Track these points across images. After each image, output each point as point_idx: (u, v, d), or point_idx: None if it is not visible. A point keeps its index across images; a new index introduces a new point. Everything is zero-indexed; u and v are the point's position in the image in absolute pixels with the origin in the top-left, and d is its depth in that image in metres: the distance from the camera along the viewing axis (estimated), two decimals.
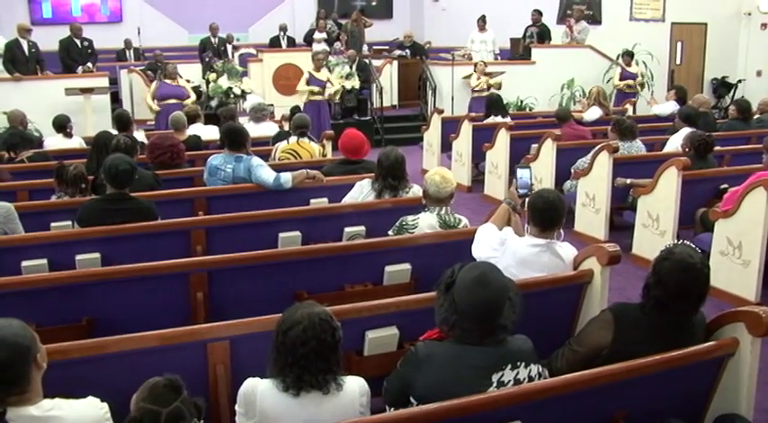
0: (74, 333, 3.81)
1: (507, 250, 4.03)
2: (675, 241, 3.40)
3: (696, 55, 17.03)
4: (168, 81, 11.80)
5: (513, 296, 2.90)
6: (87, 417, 2.52)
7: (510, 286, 2.93)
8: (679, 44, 16.76)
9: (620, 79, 13.67)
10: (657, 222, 6.88)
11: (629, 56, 13.78)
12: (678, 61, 16.83)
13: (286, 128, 8.73)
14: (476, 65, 13.58)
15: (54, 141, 8.79)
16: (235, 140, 6.17)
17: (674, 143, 8.11)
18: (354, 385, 2.82)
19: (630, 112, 12.09)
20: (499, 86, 13.25)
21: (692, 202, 6.82)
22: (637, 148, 8.07)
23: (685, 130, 7.96)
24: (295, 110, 8.69)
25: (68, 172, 5.68)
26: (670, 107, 10.78)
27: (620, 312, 3.29)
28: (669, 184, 6.71)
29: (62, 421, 2.45)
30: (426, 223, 4.79)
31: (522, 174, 4.37)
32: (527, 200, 4.14)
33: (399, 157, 5.45)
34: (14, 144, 7.67)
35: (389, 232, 4.95)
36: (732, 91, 16.71)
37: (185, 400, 2.39)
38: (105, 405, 2.59)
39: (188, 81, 12.47)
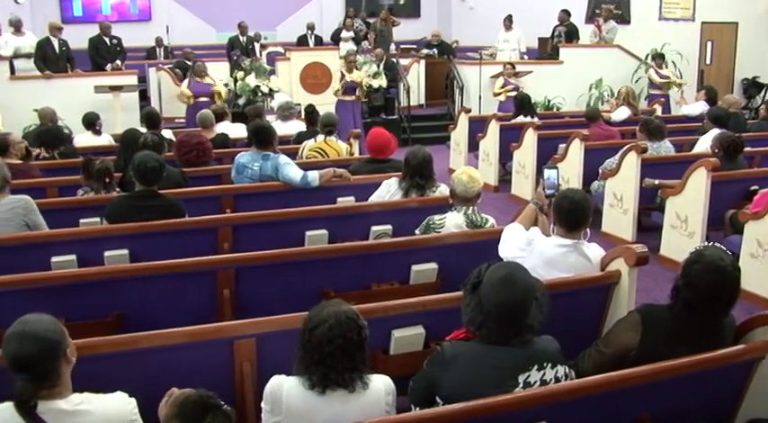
0: (102, 328, 3.87)
1: (534, 250, 4.00)
2: (705, 243, 3.37)
3: (726, 55, 16.79)
4: (198, 79, 11.87)
5: (540, 296, 2.89)
6: (115, 411, 2.55)
7: (537, 286, 2.92)
8: (709, 44, 16.53)
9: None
10: (686, 224, 6.82)
11: (660, 58, 13.57)
12: (708, 61, 16.61)
13: (304, 127, 8.76)
14: (504, 65, 13.42)
15: (83, 139, 8.87)
16: (262, 139, 6.19)
17: (704, 144, 8.02)
18: (380, 384, 2.82)
19: (659, 113, 11.97)
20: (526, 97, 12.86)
21: (721, 204, 6.75)
22: (665, 148, 8.00)
23: (715, 131, 7.86)
24: (309, 108, 8.67)
25: (94, 166, 5.74)
26: (699, 107, 10.66)
27: (648, 314, 3.27)
28: (698, 185, 6.64)
29: (91, 415, 2.48)
30: (453, 223, 4.78)
31: (549, 174, 4.33)
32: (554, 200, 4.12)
33: (426, 156, 5.44)
34: (47, 142, 7.75)
35: (416, 231, 4.94)
36: (763, 91, 16.49)
37: (216, 416, 2.32)
38: (133, 400, 2.62)
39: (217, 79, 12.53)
